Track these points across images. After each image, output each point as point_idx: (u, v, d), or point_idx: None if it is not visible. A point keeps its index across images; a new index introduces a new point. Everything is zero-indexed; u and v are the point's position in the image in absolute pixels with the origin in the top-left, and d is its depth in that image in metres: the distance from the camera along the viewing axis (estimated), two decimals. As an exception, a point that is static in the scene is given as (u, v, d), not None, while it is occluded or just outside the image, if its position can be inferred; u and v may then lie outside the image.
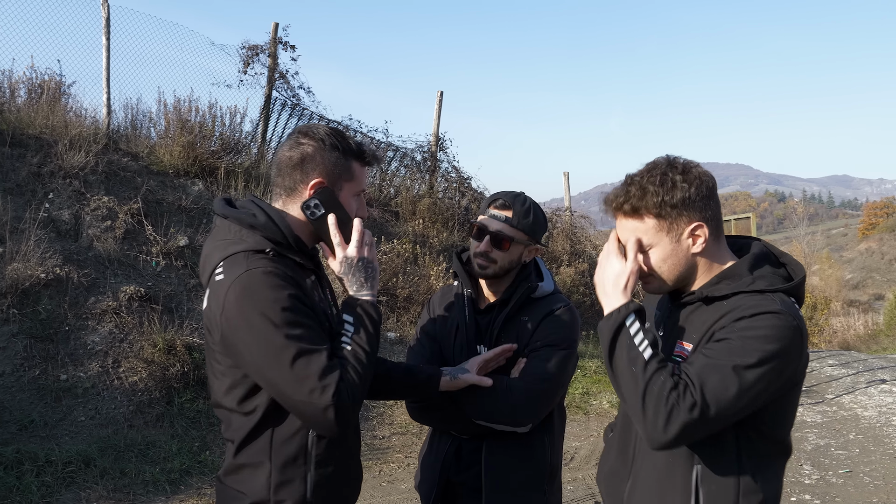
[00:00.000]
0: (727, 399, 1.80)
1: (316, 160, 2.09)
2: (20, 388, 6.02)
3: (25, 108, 8.65)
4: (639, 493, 2.11)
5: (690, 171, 1.98)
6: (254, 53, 11.26)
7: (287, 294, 1.92)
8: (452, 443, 2.73)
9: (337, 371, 1.91)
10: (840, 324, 30.54)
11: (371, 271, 2.12)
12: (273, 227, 2.05)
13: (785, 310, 1.86)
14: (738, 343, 1.83)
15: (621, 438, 2.25)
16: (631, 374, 1.87)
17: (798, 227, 62.60)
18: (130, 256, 7.69)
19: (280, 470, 2.04)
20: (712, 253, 2.02)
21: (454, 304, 2.86)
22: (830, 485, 6.68)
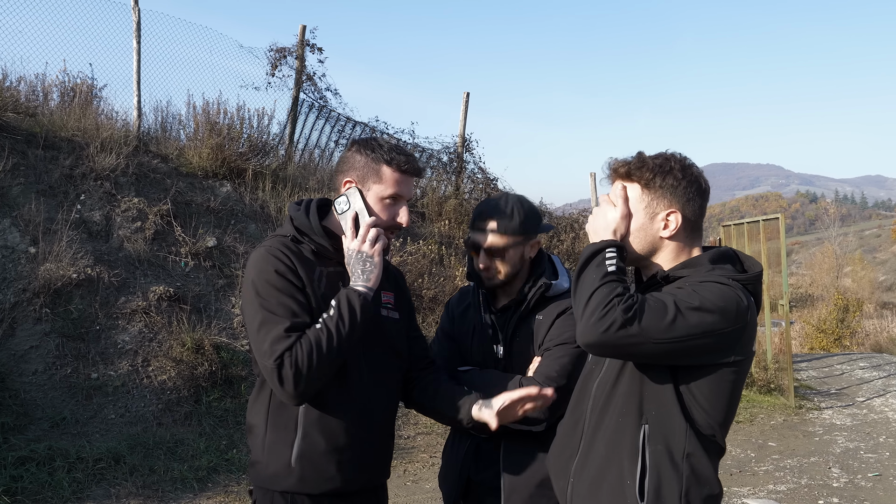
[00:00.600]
0: (660, 321, 1.89)
1: (349, 162, 2.35)
2: (52, 387, 6.14)
3: (58, 112, 8.80)
4: (587, 463, 2.17)
5: (691, 169, 2.14)
6: (281, 56, 11.36)
7: (273, 269, 2.21)
8: (472, 442, 2.76)
9: (289, 340, 2.12)
10: (873, 326, 30.09)
11: (369, 265, 2.25)
12: (303, 219, 2.34)
13: (738, 287, 1.99)
14: (687, 290, 1.97)
15: (572, 416, 2.31)
16: (590, 280, 2.00)
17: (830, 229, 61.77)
18: (160, 257, 7.80)
19: (272, 433, 2.27)
20: (681, 247, 2.15)
21: (471, 304, 2.90)
22: (859, 488, 6.60)
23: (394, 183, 2.29)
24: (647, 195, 2.12)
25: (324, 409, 2.26)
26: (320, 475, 2.27)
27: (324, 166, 11.96)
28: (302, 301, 2.21)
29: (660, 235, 2.12)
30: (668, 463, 2.02)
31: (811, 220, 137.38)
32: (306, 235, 2.33)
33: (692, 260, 2.13)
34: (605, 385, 2.17)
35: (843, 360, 14.63)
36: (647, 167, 2.11)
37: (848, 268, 53.91)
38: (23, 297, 6.57)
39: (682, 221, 2.10)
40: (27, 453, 5.31)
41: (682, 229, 2.12)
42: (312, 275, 2.28)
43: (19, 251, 6.90)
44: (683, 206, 2.10)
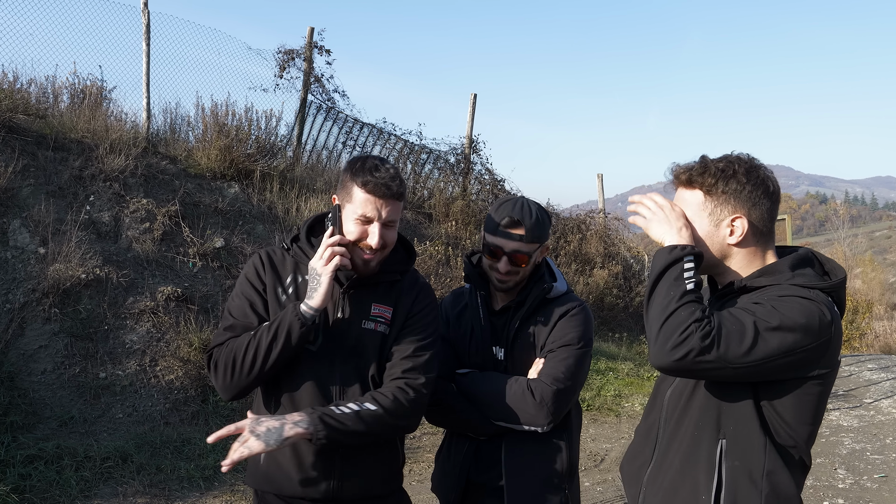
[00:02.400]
0: (738, 346, 1.83)
1: (340, 179, 2.44)
2: (61, 386, 6.20)
3: (68, 113, 8.86)
4: (660, 473, 2.14)
5: (756, 171, 2.06)
6: (290, 58, 11.42)
7: (244, 272, 2.43)
8: (471, 444, 2.75)
9: (221, 339, 2.33)
10: (883, 327, 29.91)
11: (315, 283, 2.27)
12: (299, 228, 2.52)
13: (820, 300, 1.91)
14: (767, 307, 1.88)
15: (646, 424, 2.29)
16: (666, 296, 1.93)
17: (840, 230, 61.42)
18: (168, 258, 7.85)
19: None
20: (753, 252, 2.07)
21: (467, 307, 2.87)
22: (865, 489, 6.60)
23: (361, 203, 2.30)
24: (711, 201, 2.06)
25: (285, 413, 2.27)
26: (283, 476, 2.34)
27: (331, 168, 12.02)
28: (256, 305, 2.37)
29: (727, 242, 2.06)
30: (746, 480, 1.98)
31: (821, 222, 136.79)
32: (293, 244, 2.48)
33: (770, 267, 2.06)
34: (679, 395, 2.13)
35: (851, 361, 14.56)
36: (709, 172, 2.06)
37: (858, 269, 53.61)
38: (32, 297, 6.63)
39: (749, 227, 2.04)
40: (36, 452, 5.36)
41: (751, 234, 2.05)
42: (279, 283, 2.40)
43: (29, 251, 6.96)
44: (749, 211, 2.03)
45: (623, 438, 7.99)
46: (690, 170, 2.10)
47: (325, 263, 2.28)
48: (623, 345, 11.53)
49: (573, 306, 2.75)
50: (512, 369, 2.73)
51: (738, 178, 2.03)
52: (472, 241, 11.52)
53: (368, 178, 2.29)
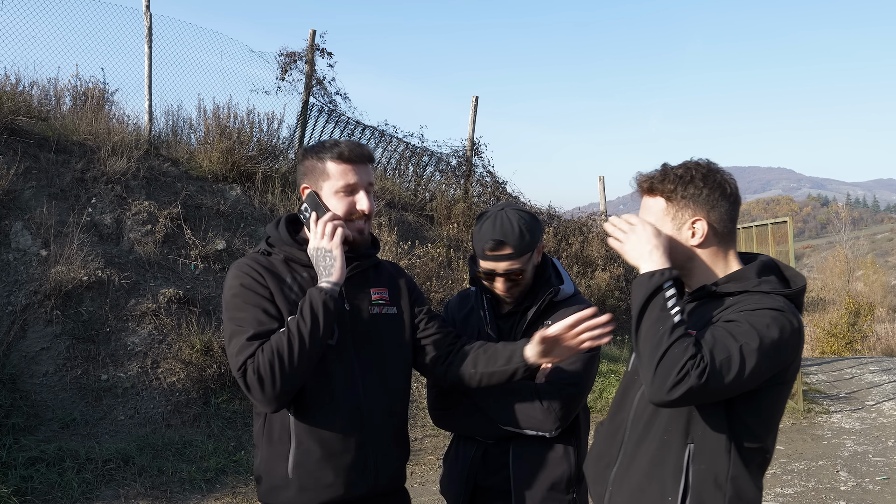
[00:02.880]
0: (731, 374, 1.89)
1: (302, 170, 2.40)
2: (62, 388, 6.20)
3: (70, 116, 8.88)
4: (627, 474, 2.18)
5: (713, 175, 2.14)
6: (291, 60, 11.43)
7: (239, 283, 2.26)
8: (478, 448, 2.73)
9: (251, 348, 2.13)
10: (884, 330, 29.89)
11: (329, 259, 2.24)
12: (273, 232, 2.41)
13: (787, 308, 2.00)
14: (745, 327, 1.94)
15: (612, 424, 2.32)
16: (655, 333, 1.97)
17: (841, 232, 61.47)
18: (170, 260, 7.86)
19: (268, 448, 2.29)
20: (715, 252, 2.17)
21: (473, 310, 2.85)
22: (867, 492, 6.59)
23: (340, 174, 2.29)
24: (672, 207, 2.15)
25: (314, 415, 2.26)
26: (318, 483, 2.25)
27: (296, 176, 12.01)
28: (270, 310, 2.23)
29: (690, 244, 2.15)
30: (711, 484, 2.04)
31: (822, 224, 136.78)
32: (274, 246, 2.37)
33: (737, 273, 2.15)
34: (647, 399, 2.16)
35: (853, 363, 14.56)
36: (668, 179, 2.15)
37: (860, 272, 53.57)
38: (34, 300, 6.64)
39: (709, 228, 2.13)
40: (37, 454, 5.37)
41: (711, 235, 2.14)
42: (283, 284, 2.30)
43: (31, 254, 6.97)
44: (708, 213, 2.12)
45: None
46: (651, 178, 2.19)
47: (330, 239, 2.25)
48: (625, 347, 11.52)
49: (580, 310, 2.73)
50: None
51: (695, 182, 2.12)
52: (474, 243, 11.53)
53: (338, 150, 2.30)
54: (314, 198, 2.33)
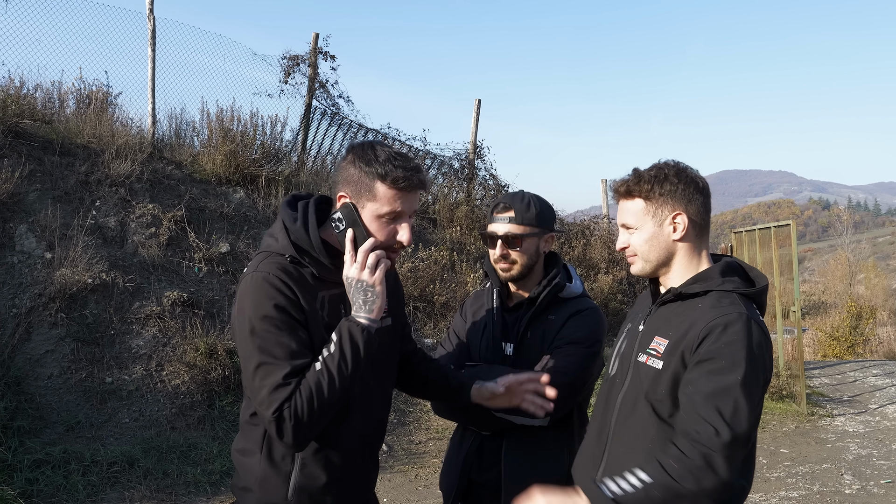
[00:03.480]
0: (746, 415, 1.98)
1: (344, 175, 2.13)
2: (67, 390, 6.21)
3: (74, 119, 8.89)
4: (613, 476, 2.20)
5: (685, 172, 2.25)
6: (294, 63, 11.44)
7: (273, 304, 1.99)
8: (474, 441, 2.80)
9: (288, 389, 1.95)
10: (886, 333, 29.88)
11: (370, 295, 2.07)
12: (302, 234, 2.11)
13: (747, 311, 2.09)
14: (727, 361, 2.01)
15: (597, 427, 2.39)
16: (669, 494, 1.96)
17: (843, 236, 61.50)
18: (174, 262, 7.87)
19: (267, 464, 2.12)
20: (693, 248, 2.26)
21: (485, 304, 2.95)
22: (871, 495, 6.58)
23: (389, 201, 2.07)
24: (651, 205, 2.23)
25: (326, 442, 2.16)
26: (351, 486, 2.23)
27: (335, 173, 12.02)
28: (303, 338, 2.04)
29: (672, 239, 2.24)
30: None
31: (824, 227, 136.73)
32: (306, 254, 2.11)
33: (702, 274, 2.24)
34: (632, 401, 2.25)
35: (855, 367, 14.54)
36: (644, 180, 2.23)
37: (861, 275, 53.56)
38: (38, 302, 6.65)
39: (689, 221, 2.22)
40: (42, 456, 5.37)
41: (691, 228, 2.23)
42: (315, 302, 2.11)
43: (35, 256, 6.98)
44: (686, 207, 2.22)
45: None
46: (627, 182, 2.28)
47: (372, 273, 2.08)
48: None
49: (586, 307, 2.79)
50: (519, 364, 2.75)
51: (670, 179, 2.21)
52: (477, 246, 11.52)
53: (394, 172, 2.06)
54: (352, 213, 2.11)
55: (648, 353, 2.20)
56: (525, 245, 2.74)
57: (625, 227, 2.30)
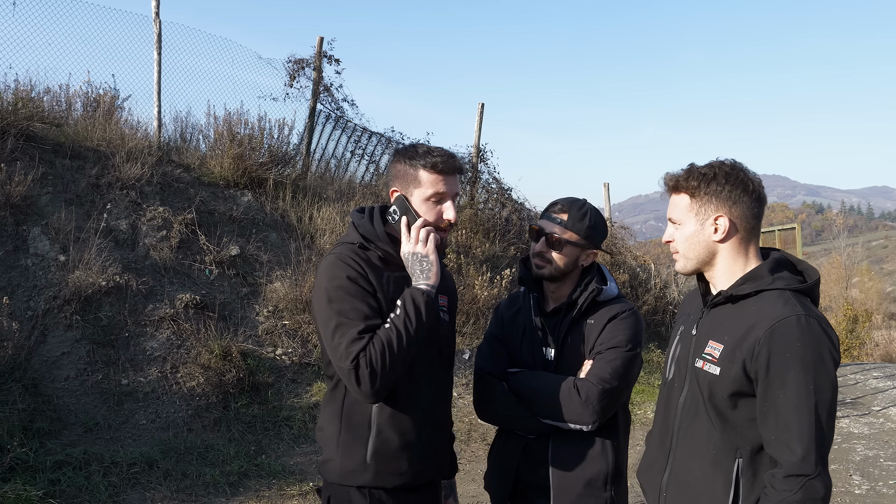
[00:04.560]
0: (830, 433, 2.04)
1: (393, 172, 2.50)
2: (84, 392, 6.23)
3: (83, 122, 8.91)
4: (679, 482, 2.29)
5: (736, 173, 2.23)
6: (299, 67, 11.46)
7: (345, 275, 2.33)
8: (519, 443, 2.82)
9: (363, 342, 2.23)
10: (882, 336, 30.04)
11: (426, 264, 2.37)
12: (369, 227, 2.47)
13: (804, 310, 2.08)
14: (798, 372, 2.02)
15: (659, 432, 2.43)
16: None
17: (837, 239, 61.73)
18: (185, 265, 7.90)
19: (347, 433, 2.40)
20: (738, 249, 2.25)
21: (521, 309, 2.96)
22: (881, 495, 6.64)
23: (431, 183, 2.41)
24: (696, 203, 2.24)
25: (395, 407, 2.39)
26: (394, 470, 2.39)
27: (340, 176, 12.07)
28: (374, 305, 2.33)
29: (713, 240, 2.24)
30: (758, 492, 2.13)
31: (818, 231, 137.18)
32: (372, 242, 2.45)
33: (751, 273, 2.23)
34: (694, 404, 2.28)
35: (855, 370, 14.62)
36: (692, 177, 2.24)
37: (856, 279, 53.78)
38: (53, 305, 6.67)
39: (731, 224, 2.21)
40: (63, 458, 5.39)
41: (734, 231, 2.22)
42: (381, 280, 2.40)
43: (49, 259, 7.01)
44: (730, 209, 2.20)
45: (637, 445, 8.03)
46: (677, 177, 2.30)
47: (424, 244, 2.38)
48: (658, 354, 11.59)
49: (623, 309, 2.81)
50: (561, 369, 2.79)
51: (718, 180, 2.21)
52: (482, 249, 11.57)
53: (432, 159, 2.40)
54: (403, 202, 2.44)
55: (704, 359, 2.22)
56: (566, 251, 2.78)
57: (671, 221, 2.33)
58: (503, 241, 12.33)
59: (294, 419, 6.90)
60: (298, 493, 5.68)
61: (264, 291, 8.18)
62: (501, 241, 12.31)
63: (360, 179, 12.39)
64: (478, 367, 2.92)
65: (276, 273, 8.43)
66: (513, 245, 12.43)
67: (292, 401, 7.13)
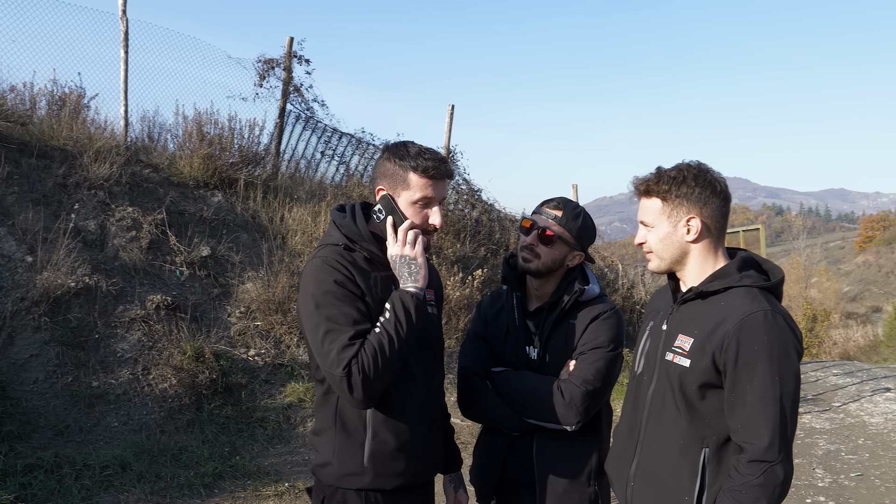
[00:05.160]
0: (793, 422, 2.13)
1: (380, 170, 2.43)
2: (54, 395, 6.14)
3: (48, 120, 8.77)
4: (647, 472, 2.37)
5: (704, 175, 2.30)
6: (269, 67, 11.40)
7: (332, 279, 2.28)
8: (504, 439, 2.86)
9: (354, 348, 2.19)
10: (840, 335, 30.68)
11: (414, 267, 2.34)
12: (352, 227, 2.43)
13: (771, 306, 2.18)
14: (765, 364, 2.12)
15: (628, 424, 2.49)
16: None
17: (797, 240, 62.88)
18: (156, 266, 7.82)
19: (342, 436, 2.37)
20: (708, 248, 2.33)
21: (504, 308, 2.98)
22: (843, 487, 6.81)
23: (421, 188, 2.36)
24: (668, 206, 2.30)
25: (391, 408, 2.37)
26: (391, 472, 2.39)
27: (311, 176, 12.03)
28: (362, 309, 2.30)
29: (686, 240, 2.31)
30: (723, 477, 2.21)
31: (777, 233, 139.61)
32: (357, 243, 2.41)
33: (720, 271, 2.32)
34: (661, 397, 2.35)
35: (816, 367, 14.94)
36: (662, 181, 2.30)
37: (814, 279, 54.74)
38: (21, 306, 6.56)
39: (703, 225, 2.29)
40: (34, 461, 5.30)
41: (705, 231, 2.30)
42: (369, 281, 2.37)
43: (16, 260, 6.89)
44: (701, 211, 2.28)
45: (608, 443, 8.15)
46: (647, 181, 2.34)
47: (412, 247, 2.35)
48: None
49: (605, 310, 2.85)
50: (544, 369, 2.82)
51: (687, 182, 2.27)
52: (453, 250, 11.61)
53: (423, 163, 2.35)
54: (390, 202, 2.39)
55: (674, 352, 2.29)
56: (555, 247, 2.79)
57: (643, 224, 2.38)
58: (473, 242, 12.38)
59: (268, 420, 6.87)
60: (274, 493, 5.66)
61: (236, 292, 8.13)
62: (472, 241, 12.36)
63: (330, 180, 12.36)
64: (462, 366, 2.94)
65: (247, 274, 8.38)
66: (483, 245, 12.49)
67: (266, 402, 7.09)
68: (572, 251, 2.84)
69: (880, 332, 30.64)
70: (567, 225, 2.80)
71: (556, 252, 2.81)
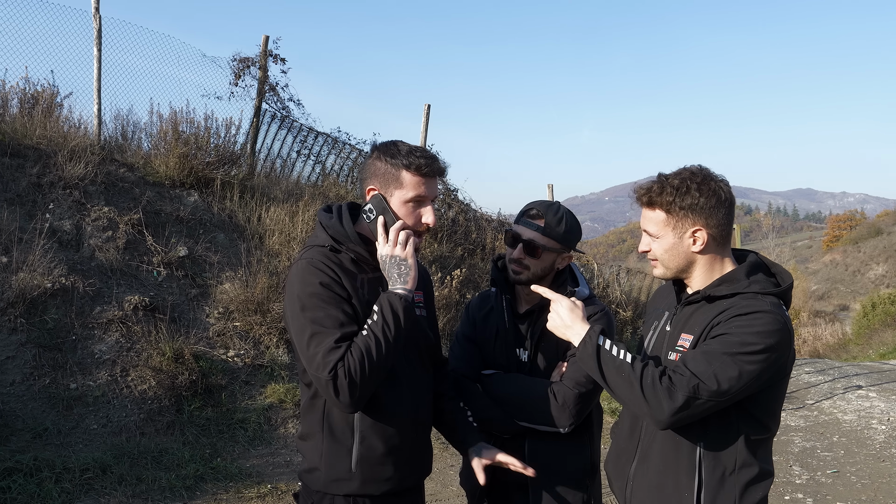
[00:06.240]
0: (726, 380, 2.08)
1: (371, 169, 2.38)
2: (31, 397, 6.05)
3: (21, 119, 8.63)
4: (644, 470, 2.37)
5: (708, 183, 2.26)
6: (245, 66, 11.30)
7: (318, 281, 2.24)
8: (495, 441, 2.82)
9: (340, 351, 2.15)
10: (809, 333, 31.06)
11: (404, 268, 2.29)
12: (338, 228, 2.38)
13: (775, 310, 2.16)
14: (737, 337, 2.11)
15: (629, 423, 2.49)
16: (623, 379, 2.17)
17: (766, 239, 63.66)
18: (132, 266, 7.73)
19: (330, 441, 2.33)
20: (714, 256, 2.31)
21: (493, 310, 2.97)
22: (820, 484, 6.92)
23: (414, 186, 2.31)
24: (672, 218, 2.28)
25: (379, 413, 2.34)
26: (379, 477, 2.36)
27: (287, 176, 11.96)
28: (349, 311, 2.25)
29: (692, 251, 2.29)
30: (721, 476, 2.22)
31: (746, 232, 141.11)
32: (343, 244, 2.36)
33: (728, 276, 2.30)
34: None
35: (788, 365, 15.17)
36: (666, 192, 2.26)
37: (783, 277, 55.41)
38: (-4, 308, 6.45)
39: (709, 236, 2.27)
40: (13, 464, 5.22)
41: (711, 241, 2.28)
42: (356, 283, 2.32)
43: (-10, 261, 6.77)
44: (707, 221, 2.25)
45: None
46: (650, 191, 2.30)
47: (403, 248, 2.30)
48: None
49: (595, 311, 2.83)
50: (535, 371, 2.83)
51: (692, 193, 2.24)
52: (431, 249, 11.60)
53: (416, 160, 2.31)
54: (382, 202, 2.35)
55: (677, 351, 2.29)
56: (543, 257, 2.78)
57: (647, 233, 2.36)
58: (450, 242, 12.39)
59: (249, 421, 6.82)
60: (256, 495, 5.62)
61: (214, 293, 8.05)
62: (449, 241, 12.36)
63: (306, 180, 12.29)
64: (451, 369, 2.91)
65: (225, 274, 8.31)
66: (460, 245, 12.50)
67: (246, 403, 7.03)
68: (560, 255, 2.84)
69: (849, 331, 31.07)
70: (551, 233, 2.77)
71: (545, 261, 2.80)
